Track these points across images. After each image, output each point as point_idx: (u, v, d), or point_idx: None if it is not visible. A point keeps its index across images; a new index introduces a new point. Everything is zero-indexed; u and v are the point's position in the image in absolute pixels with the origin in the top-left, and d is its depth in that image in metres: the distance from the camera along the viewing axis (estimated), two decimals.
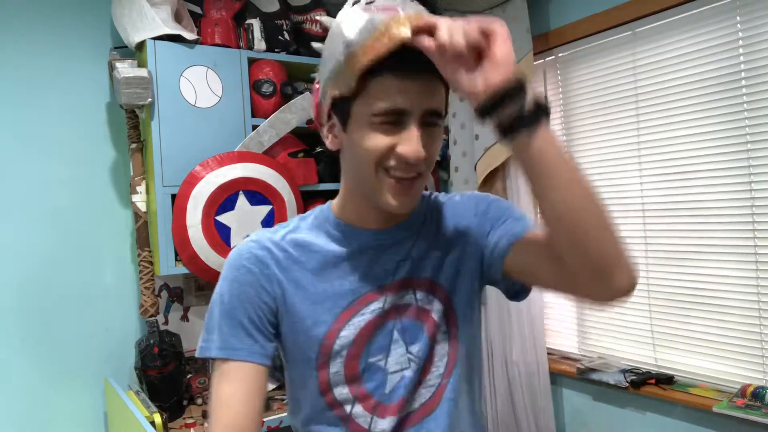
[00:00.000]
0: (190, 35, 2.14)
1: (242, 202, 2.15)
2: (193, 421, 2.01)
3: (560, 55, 2.36)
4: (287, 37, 2.39)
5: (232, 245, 2.13)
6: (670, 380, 2.00)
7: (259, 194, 2.18)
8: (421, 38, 0.72)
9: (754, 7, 1.77)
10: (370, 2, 0.78)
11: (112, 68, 2.10)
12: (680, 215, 1.99)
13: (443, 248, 0.93)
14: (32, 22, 2.14)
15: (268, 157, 2.23)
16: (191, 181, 2.08)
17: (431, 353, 0.90)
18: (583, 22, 2.21)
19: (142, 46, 2.10)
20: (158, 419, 1.81)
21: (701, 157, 1.92)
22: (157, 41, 2.08)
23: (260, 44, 2.31)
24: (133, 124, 2.16)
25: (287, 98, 2.32)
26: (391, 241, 0.91)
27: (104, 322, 2.24)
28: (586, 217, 0.74)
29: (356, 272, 0.89)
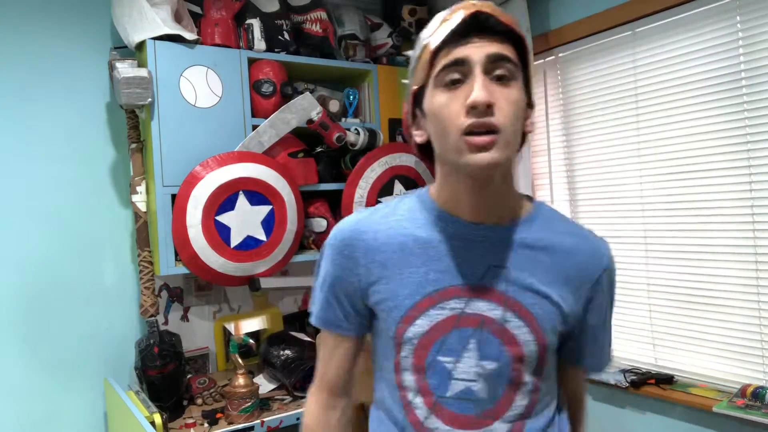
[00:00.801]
0: (190, 35, 2.14)
1: (242, 202, 2.15)
2: (193, 421, 2.01)
3: (560, 55, 2.36)
4: (287, 37, 2.38)
5: (232, 245, 2.13)
6: (670, 380, 2.01)
7: (259, 194, 2.18)
8: None
9: (754, 7, 1.77)
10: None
11: (112, 68, 2.10)
12: (680, 215, 2.00)
13: (546, 279, 0.88)
14: (32, 22, 2.14)
15: (268, 157, 2.23)
16: (191, 181, 2.08)
17: (514, 386, 0.87)
18: (583, 22, 2.21)
19: (142, 46, 2.10)
20: (158, 419, 1.81)
21: (701, 156, 1.93)
22: (157, 41, 2.08)
23: (260, 44, 2.32)
24: (133, 124, 2.16)
25: (287, 98, 2.32)
26: (488, 238, 0.88)
27: (104, 322, 2.24)
28: None
29: (443, 262, 0.88)
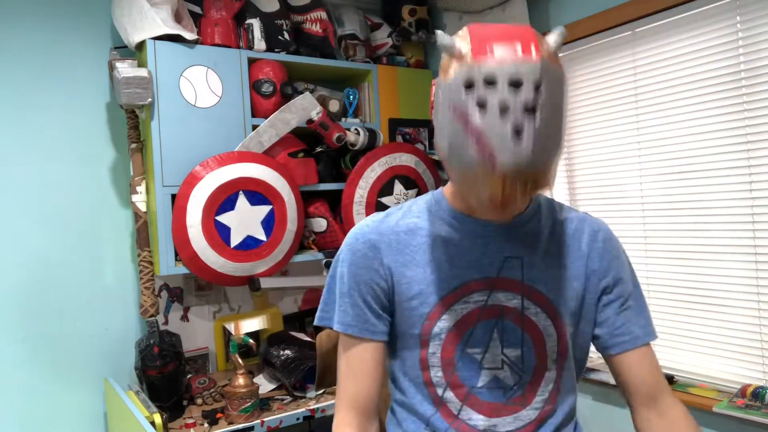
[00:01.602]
0: (190, 35, 2.14)
1: (242, 202, 2.15)
2: (193, 421, 2.01)
3: (560, 54, 2.36)
4: (287, 37, 2.39)
5: (232, 245, 2.13)
6: (670, 380, 2.00)
7: (259, 194, 2.18)
8: None
9: (754, 7, 1.77)
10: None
11: (112, 68, 2.10)
12: (680, 214, 2.00)
13: (560, 268, 0.93)
14: (32, 22, 2.14)
15: (268, 157, 2.23)
16: (191, 181, 2.08)
17: (538, 371, 0.92)
18: (583, 22, 2.21)
19: (142, 46, 2.10)
20: (158, 419, 1.81)
21: (701, 156, 1.93)
22: (157, 41, 2.08)
23: (260, 44, 2.32)
24: (133, 124, 2.16)
25: (287, 98, 2.32)
26: (501, 233, 0.92)
27: (104, 322, 2.24)
28: None
29: (464, 259, 0.91)
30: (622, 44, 2.13)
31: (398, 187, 2.54)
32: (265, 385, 2.23)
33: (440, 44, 0.77)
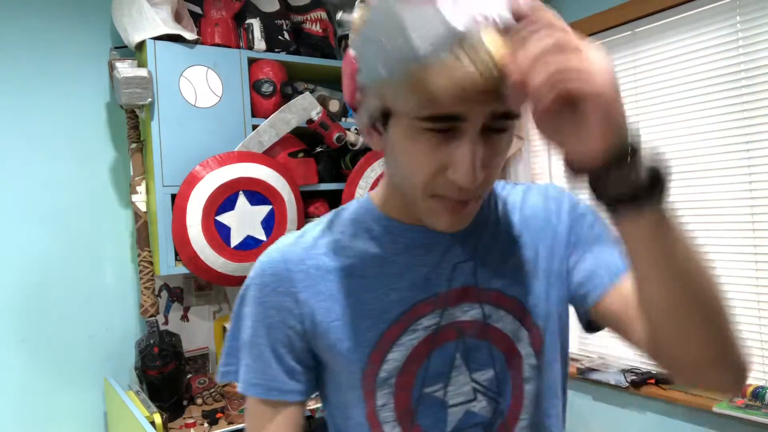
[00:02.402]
0: (190, 35, 2.14)
1: (242, 202, 2.15)
2: (193, 421, 2.01)
3: None
4: (287, 37, 2.39)
5: (232, 245, 2.13)
6: (670, 380, 2.00)
7: (259, 194, 2.18)
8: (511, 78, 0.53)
9: (754, 7, 1.77)
10: None
11: (112, 68, 2.11)
12: (680, 214, 2.00)
13: (517, 253, 0.76)
14: (32, 22, 2.14)
15: (268, 157, 2.23)
16: (191, 181, 2.08)
17: (516, 389, 0.74)
18: (583, 22, 2.21)
19: (142, 46, 2.10)
20: (158, 419, 1.81)
21: (701, 156, 1.93)
22: (157, 41, 2.08)
23: (260, 44, 2.32)
24: (133, 124, 2.16)
25: (287, 98, 2.32)
26: (446, 238, 0.73)
27: (104, 322, 2.24)
28: (703, 312, 0.59)
29: (404, 277, 0.72)
30: (622, 44, 2.13)
31: None
32: None
33: None
